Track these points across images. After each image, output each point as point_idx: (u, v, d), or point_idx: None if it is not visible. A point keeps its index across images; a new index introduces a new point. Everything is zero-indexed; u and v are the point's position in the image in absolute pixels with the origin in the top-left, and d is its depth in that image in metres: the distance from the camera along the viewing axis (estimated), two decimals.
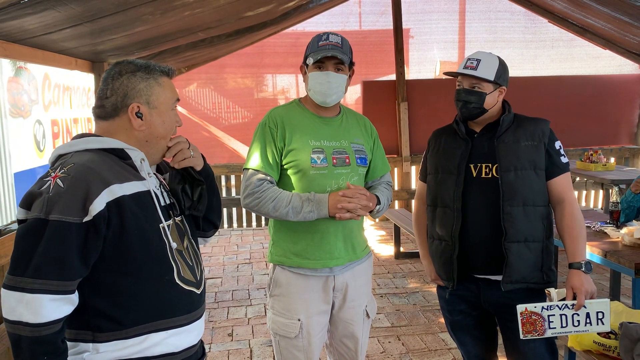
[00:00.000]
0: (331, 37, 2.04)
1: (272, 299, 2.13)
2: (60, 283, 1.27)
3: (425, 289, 4.68)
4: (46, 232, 1.27)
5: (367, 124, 2.25)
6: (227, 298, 4.63)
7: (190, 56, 5.92)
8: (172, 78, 1.53)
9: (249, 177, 2.03)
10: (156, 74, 1.46)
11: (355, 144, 2.12)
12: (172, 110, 1.51)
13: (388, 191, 2.21)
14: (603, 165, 5.92)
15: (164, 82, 1.48)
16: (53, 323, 1.27)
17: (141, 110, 1.44)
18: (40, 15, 2.88)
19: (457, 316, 2.26)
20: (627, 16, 5.72)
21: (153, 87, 1.45)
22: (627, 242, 2.99)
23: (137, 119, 1.44)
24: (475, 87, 2.08)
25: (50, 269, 1.26)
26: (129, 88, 1.43)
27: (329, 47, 2.01)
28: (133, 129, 1.45)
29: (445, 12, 7.28)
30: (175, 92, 1.53)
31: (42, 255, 1.26)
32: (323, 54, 2.00)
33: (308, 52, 2.06)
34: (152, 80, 1.45)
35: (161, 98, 1.47)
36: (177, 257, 1.46)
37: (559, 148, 2.13)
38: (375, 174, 2.22)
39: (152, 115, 1.46)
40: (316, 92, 2.05)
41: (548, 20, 7.22)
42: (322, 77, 2.02)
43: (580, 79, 7.45)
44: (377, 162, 2.22)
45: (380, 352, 3.54)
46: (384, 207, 2.14)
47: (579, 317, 1.97)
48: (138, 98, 1.43)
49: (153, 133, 1.47)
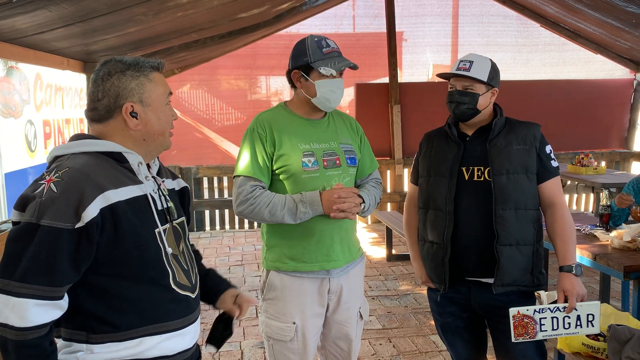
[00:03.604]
0: (329, 42, 2.04)
1: (266, 303, 2.11)
2: (48, 289, 1.26)
3: (417, 291, 4.69)
4: (36, 237, 1.25)
5: (352, 123, 2.25)
6: None
7: (183, 57, 5.91)
8: (162, 71, 1.50)
9: (241, 184, 2.01)
10: (146, 71, 1.43)
11: (344, 145, 2.12)
12: (166, 105, 1.48)
13: (376, 189, 2.21)
14: (594, 169, 5.96)
15: (155, 77, 1.46)
16: (39, 327, 1.26)
17: (135, 110, 1.41)
18: (32, 15, 2.87)
19: (447, 318, 2.27)
20: (619, 21, 5.77)
21: (145, 85, 1.42)
22: (616, 245, 3.01)
23: (133, 119, 1.41)
24: (468, 89, 2.09)
25: (38, 274, 1.25)
26: (121, 88, 1.40)
27: (336, 54, 2.02)
28: (129, 129, 1.42)
29: (438, 16, 7.30)
30: (167, 85, 1.50)
31: (31, 260, 1.25)
32: (344, 64, 2.01)
33: (314, 60, 2.00)
34: (143, 78, 1.42)
35: (154, 94, 1.44)
36: (173, 262, 1.45)
37: (550, 152, 2.14)
38: (364, 172, 2.22)
39: (147, 113, 1.43)
40: (326, 99, 2.03)
41: (540, 25, 7.27)
42: (335, 85, 2.02)
43: (572, 83, 7.50)
44: (365, 160, 2.22)
45: (371, 354, 3.54)
46: (370, 206, 2.13)
47: (569, 319, 1.98)
48: (131, 97, 1.40)
49: (150, 131, 1.44)
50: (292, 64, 2.07)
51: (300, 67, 2.03)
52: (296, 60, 2.05)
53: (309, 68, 2.02)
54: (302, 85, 2.06)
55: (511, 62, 7.43)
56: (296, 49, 2.07)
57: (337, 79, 2.03)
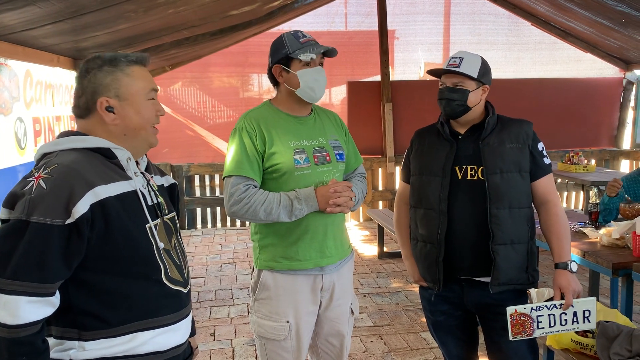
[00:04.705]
0: (305, 34, 2.04)
1: (258, 303, 2.10)
2: (40, 285, 1.26)
3: (408, 289, 4.70)
4: (27, 234, 1.25)
5: (337, 118, 2.25)
6: (210, 298, 4.61)
7: (175, 54, 5.88)
8: (147, 65, 1.49)
9: (233, 184, 1.97)
10: (122, 65, 1.43)
11: (332, 140, 2.12)
12: (148, 100, 1.46)
13: (362, 183, 2.23)
14: (584, 167, 6.00)
15: (133, 71, 1.44)
16: (31, 325, 1.26)
17: (111, 104, 1.41)
18: (21, 11, 2.84)
19: (439, 317, 2.27)
20: (608, 20, 5.82)
21: (121, 79, 1.42)
22: (605, 243, 3.04)
23: (109, 114, 1.41)
24: (458, 85, 2.08)
25: (29, 271, 1.25)
26: (96, 84, 1.41)
27: (312, 42, 2.01)
28: (107, 124, 1.42)
29: (430, 14, 7.32)
30: (150, 80, 1.48)
31: (22, 257, 1.25)
32: (322, 48, 1.99)
33: (292, 50, 1.99)
34: (119, 72, 1.42)
35: (132, 89, 1.43)
36: (165, 257, 1.45)
37: (542, 150, 2.14)
38: (350, 167, 2.23)
39: (125, 108, 1.42)
40: (309, 88, 2.01)
41: (531, 24, 7.31)
42: (316, 73, 2.01)
43: (562, 82, 7.54)
44: (350, 156, 2.23)
45: (362, 352, 3.55)
46: (359, 200, 2.15)
47: (566, 316, 1.99)
48: (106, 92, 1.41)
49: (129, 125, 1.44)
50: (271, 61, 2.06)
51: (279, 60, 2.02)
52: (275, 56, 2.04)
53: (289, 59, 2.01)
54: (285, 79, 2.04)
55: (502, 61, 7.46)
56: (274, 46, 2.06)
57: (318, 68, 2.02)
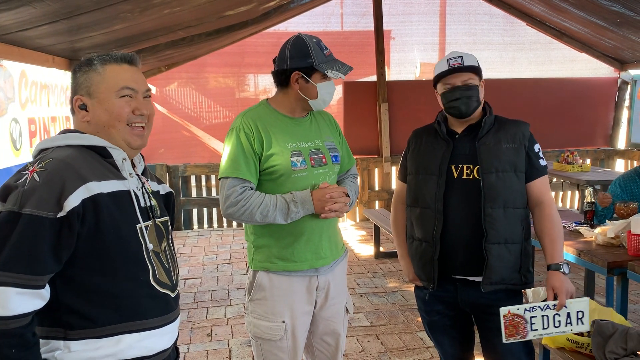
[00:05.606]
0: (325, 45, 2.04)
1: (253, 304, 2.10)
2: (30, 277, 1.27)
3: (404, 289, 4.71)
4: (18, 226, 1.26)
5: (331, 119, 2.26)
6: (207, 298, 4.61)
7: (170, 55, 5.87)
8: (133, 64, 1.50)
9: (229, 186, 1.95)
10: (95, 64, 1.46)
11: (328, 142, 2.13)
12: (120, 97, 1.45)
13: (355, 184, 2.24)
14: (579, 167, 6.02)
15: (106, 69, 1.46)
16: (21, 316, 1.26)
17: (84, 102, 1.46)
18: (16, 12, 2.84)
19: (434, 316, 2.27)
20: (603, 20, 5.84)
21: (92, 78, 1.46)
22: (600, 242, 3.05)
23: (82, 111, 1.46)
24: (468, 82, 2.08)
25: (20, 262, 1.26)
26: (75, 84, 1.48)
27: (333, 56, 2.04)
28: (81, 121, 1.47)
29: (425, 14, 7.33)
30: (124, 78, 1.47)
31: (13, 248, 1.26)
32: (347, 68, 2.03)
33: (318, 62, 1.96)
34: (92, 72, 1.46)
35: (101, 86, 1.45)
36: (154, 259, 1.46)
37: (538, 151, 2.15)
38: (343, 167, 2.24)
39: (94, 105, 1.45)
40: (324, 100, 2.05)
41: (526, 24, 7.33)
42: (332, 87, 2.06)
43: (558, 82, 7.57)
44: (344, 157, 2.24)
45: (359, 351, 3.55)
46: (353, 201, 2.17)
47: (559, 317, 1.99)
48: (80, 91, 1.46)
49: (98, 122, 1.46)
50: (290, 64, 1.99)
51: (301, 68, 1.98)
52: (297, 61, 1.98)
53: (312, 70, 1.98)
54: (301, 86, 2.00)
55: (498, 61, 7.47)
56: (296, 49, 1.99)
57: (331, 82, 2.05)
